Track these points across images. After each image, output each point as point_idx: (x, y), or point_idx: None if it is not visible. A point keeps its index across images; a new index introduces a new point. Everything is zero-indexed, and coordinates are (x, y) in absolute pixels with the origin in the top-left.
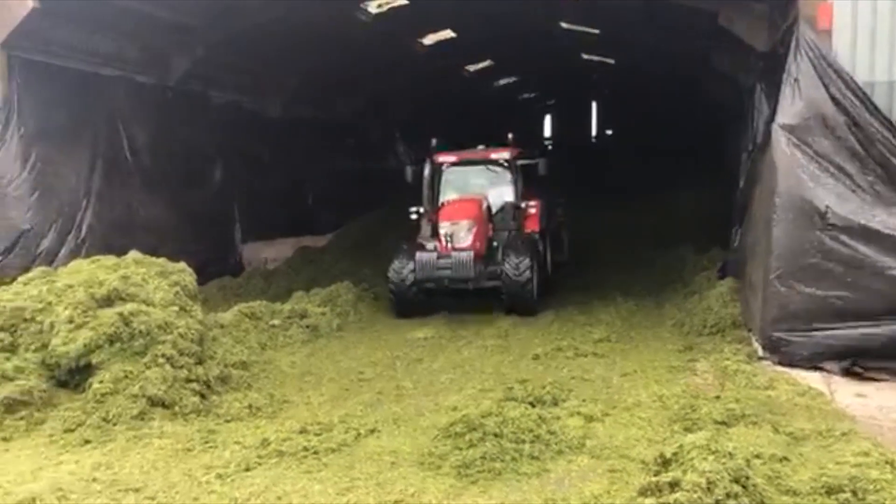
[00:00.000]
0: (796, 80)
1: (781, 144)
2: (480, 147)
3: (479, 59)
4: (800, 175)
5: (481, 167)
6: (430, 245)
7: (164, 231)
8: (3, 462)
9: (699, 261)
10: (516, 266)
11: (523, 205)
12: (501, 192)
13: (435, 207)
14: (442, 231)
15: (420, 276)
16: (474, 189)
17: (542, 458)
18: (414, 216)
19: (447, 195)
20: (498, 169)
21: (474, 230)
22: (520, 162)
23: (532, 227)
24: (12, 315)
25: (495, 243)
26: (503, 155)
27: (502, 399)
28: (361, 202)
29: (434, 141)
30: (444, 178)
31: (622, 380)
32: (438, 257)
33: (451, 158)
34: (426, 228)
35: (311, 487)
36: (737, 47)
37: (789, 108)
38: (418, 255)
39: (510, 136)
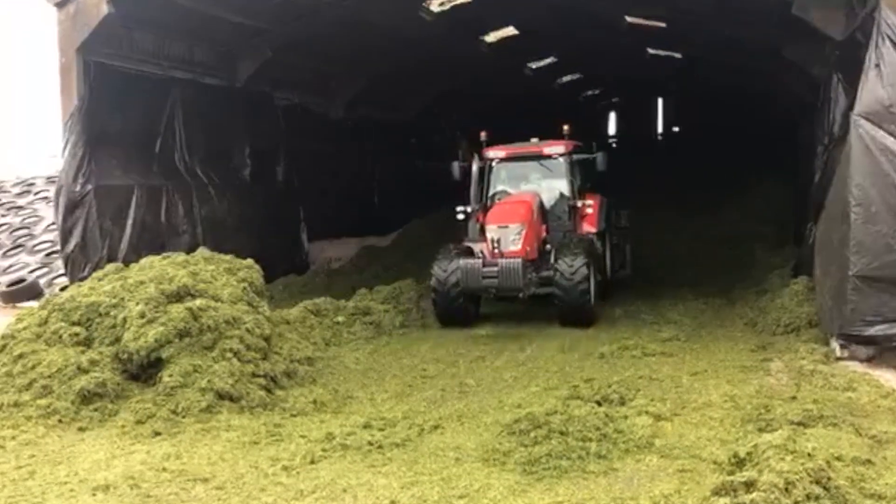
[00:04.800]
0: (878, 67)
1: (862, 134)
2: (534, 140)
3: (541, 56)
4: (882, 166)
5: (534, 163)
6: (477, 247)
7: (230, 230)
8: (79, 451)
9: (772, 258)
10: (570, 266)
11: (580, 203)
12: (556, 190)
13: (484, 206)
14: (489, 235)
15: (465, 286)
16: (526, 186)
17: (610, 457)
18: (461, 216)
19: (497, 193)
20: (552, 164)
21: (524, 234)
22: (576, 157)
23: (589, 227)
24: (88, 310)
25: (548, 246)
26: (557, 149)
27: (567, 397)
28: (425, 202)
29: (483, 134)
30: (493, 174)
31: (692, 379)
32: (484, 265)
33: (501, 154)
34: (474, 229)
35: (376, 481)
36: (811, 37)
37: (870, 97)
38: (462, 262)
39: (565, 127)
